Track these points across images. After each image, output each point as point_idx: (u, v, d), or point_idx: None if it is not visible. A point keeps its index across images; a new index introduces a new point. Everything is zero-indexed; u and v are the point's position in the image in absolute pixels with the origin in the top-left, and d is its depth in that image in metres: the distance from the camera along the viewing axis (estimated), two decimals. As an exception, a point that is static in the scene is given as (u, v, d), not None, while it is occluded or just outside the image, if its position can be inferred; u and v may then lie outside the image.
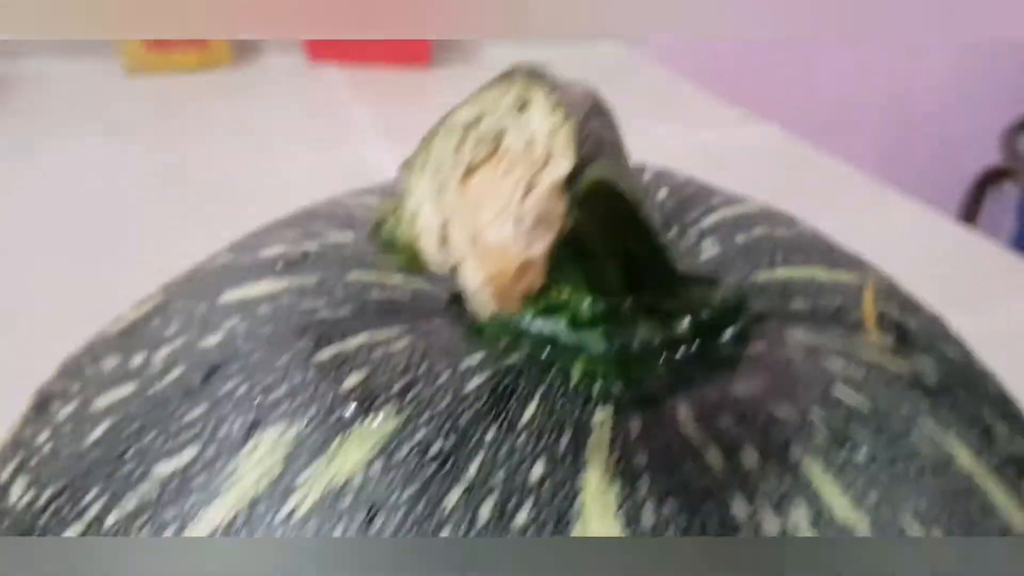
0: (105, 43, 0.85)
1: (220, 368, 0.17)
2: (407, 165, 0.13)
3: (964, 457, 0.18)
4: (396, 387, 0.16)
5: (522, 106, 0.13)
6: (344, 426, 0.16)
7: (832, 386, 0.18)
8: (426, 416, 0.16)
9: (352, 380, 0.16)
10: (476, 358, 0.17)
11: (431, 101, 0.81)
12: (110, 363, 0.18)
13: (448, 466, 0.15)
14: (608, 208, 0.17)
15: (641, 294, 0.19)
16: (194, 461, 0.16)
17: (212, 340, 0.18)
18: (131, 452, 0.16)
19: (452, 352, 0.17)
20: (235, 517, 0.15)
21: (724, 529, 0.15)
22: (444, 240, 0.12)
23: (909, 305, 0.22)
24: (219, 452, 0.16)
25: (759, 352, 0.19)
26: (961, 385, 0.20)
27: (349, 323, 0.18)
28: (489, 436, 0.16)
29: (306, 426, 0.16)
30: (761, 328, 0.20)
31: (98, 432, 0.17)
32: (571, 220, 0.12)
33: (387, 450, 0.15)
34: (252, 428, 0.16)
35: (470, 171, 0.12)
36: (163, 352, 0.18)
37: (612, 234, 0.18)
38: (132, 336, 0.19)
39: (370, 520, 0.15)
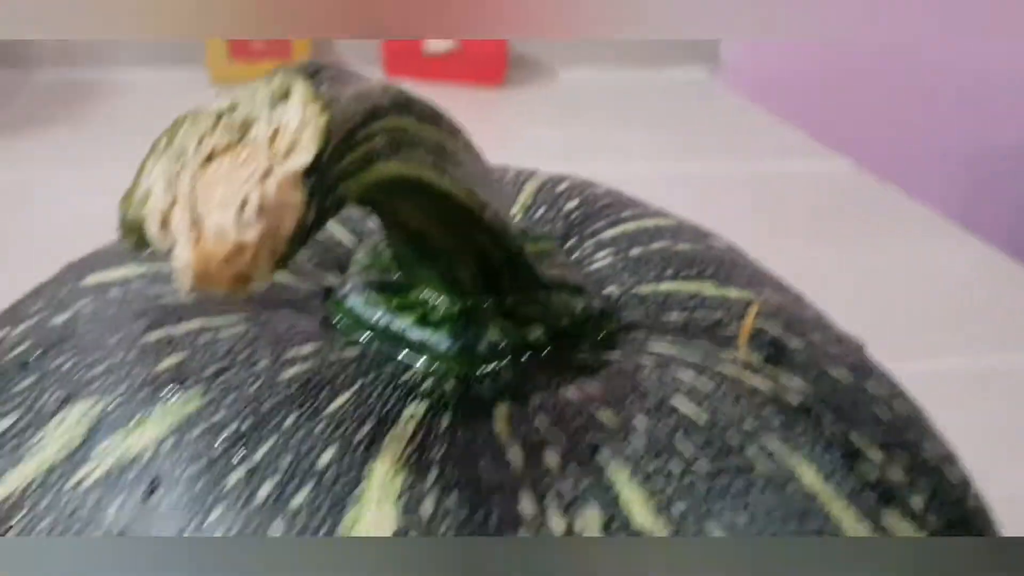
0: (195, 52, 0.90)
1: (57, 345, 0.18)
2: (153, 146, 0.13)
3: (809, 477, 0.17)
4: (209, 370, 0.17)
5: (282, 96, 0.13)
6: (148, 404, 0.16)
7: (671, 396, 0.18)
8: (230, 399, 0.16)
9: (168, 362, 0.17)
10: (305, 349, 0.18)
11: (502, 120, 0.82)
12: (-15, 338, 0.19)
13: (236, 448, 0.15)
14: (438, 207, 0.17)
15: (500, 298, 0.19)
16: (10, 428, 0.16)
17: (60, 319, 0.18)
18: (-34, 419, 0.17)
19: (284, 342, 0.18)
20: (31, 483, 0.15)
21: (504, 525, 0.15)
22: (166, 223, 0.12)
23: (802, 326, 0.21)
24: (32, 422, 0.16)
25: (609, 360, 0.19)
26: (833, 408, 0.19)
27: (187, 309, 0.18)
28: (287, 422, 0.16)
29: (113, 402, 0.16)
30: (624, 339, 0.20)
31: (-51, 400, 0.18)
32: (313, 214, 0.13)
33: (182, 429, 0.16)
34: (65, 401, 0.16)
35: (211, 158, 0.13)
36: (21, 328, 0.19)
37: (454, 234, 0.18)
38: (12, 311, 0.20)
39: (149, 494, 0.15)
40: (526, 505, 0.15)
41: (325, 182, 0.13)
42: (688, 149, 0.77)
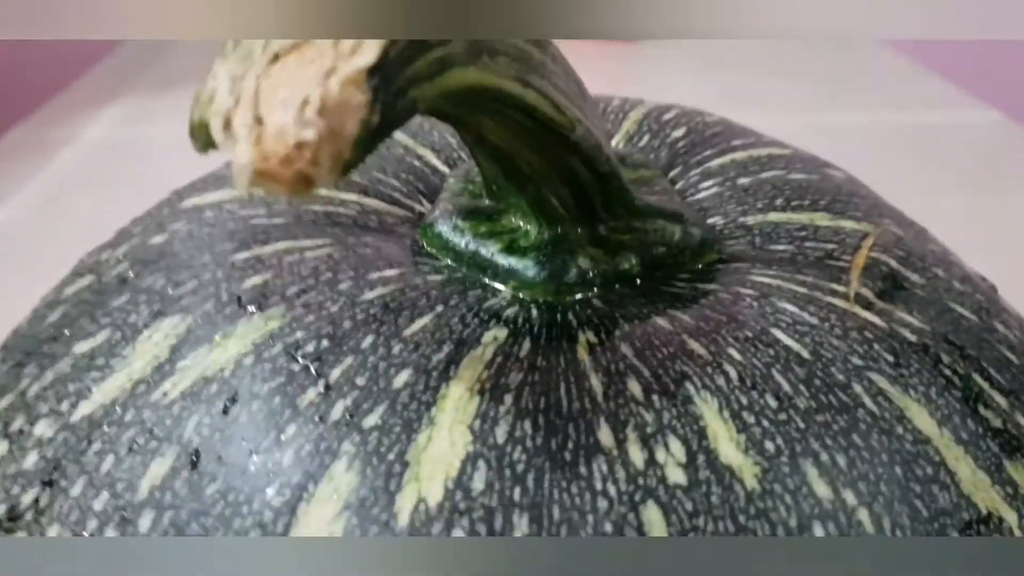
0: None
1: (152, 264, 0.18)
2: (222, 47, 0.13)
3: (922, 420, 0.16)
4: (292, 290, 0.17)
5: (349, -4, 0.13)
6: (232, 321, 0.16)
7: (771, 328, 0.17)
8: (310, 319, 0.16)
9: (254, 280, 0.17)
10: (389, 272, 0.17)
11: (640, 75, 0.80)
12: (92, 257, 0.20)
13: (313, 367, 0.15)
14: (522, 123, 0.16)
15: (592, 225, 0.19)
16: (104, 343, 0.17)
17: (158, 239, 0.19)
18: (65, 334, 0.17)
19: (368, 265, 0.17)
20: (118, 396, 0.16)
21: (580, 454, 0.14)
22: (229, 123, 0.12)
23: (924, 261, 0.19)
24: (124, 337, 0.17)
25: (707, 291, 0.18)
26: (954, 348, 0.17)
27: (277, 231, 0.18)
28: (366, 343, 0.16)
29: (199, 318, 0.16)
30: (725, 270, 0.19)
31: (54, 316, 0.18)
32: (378, 116, 0.12)
33: (262, 346, 0.16)
34: (154, 317, 0.17)
35: (277, 58, 0.12)
36: (122, 249, 0.19)
37: (542, 154, 0.17)
38: (119, 234, 0.20)
39: (225, 409, 0.15)
40: (604, 435, 0.15)
41: (392, 84, 0.13)
42: (833, 101, 0.73)
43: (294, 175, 0.12)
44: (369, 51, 0.12)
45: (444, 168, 0.22)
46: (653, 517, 0.14)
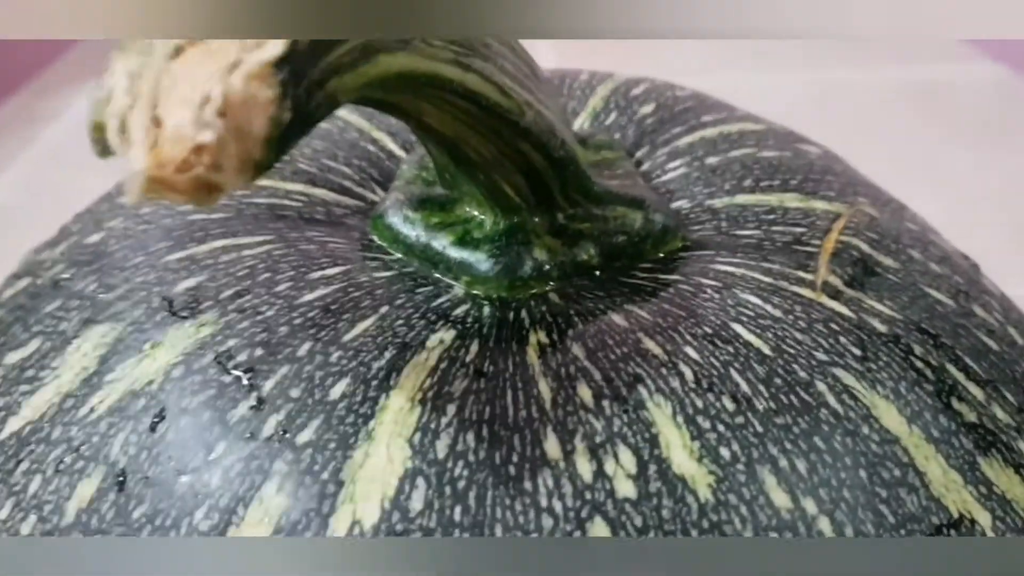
0: None
1: (86, 265, 0.17)
2: (121, 41, 0.12)
3: (890, 418, 0.15)
4: (227, 293, 0.16)
5: (256, -12, 0.12)
6: (162, 328, 0.15)
7: (732, 323, 0.16)
8: (245, 324, 0.15)
9: (187, 283, 0.16)
10: (332, 270, 0.17)
11: (641, 58, 0.78)
12: (33, 256, 0.19)
13: (245, 378, 0.15)
14: (466, 109, 0.15)
15: (549, 214, 0.18)
16: (34, 353, 0.16)
17: (94, 238, 0.18)
18: (-1, 342, 0.17)
19: (310, 262, 0.17)
20: (47, 411, 0.15)
21: (524, 467, 0.14)
22: (125, 125, 0.11)
23: (899, 243, 0.18)
24: (54, 347, 0.16)
25: (668, 282, 0.17)
26: (928, 337, 0.17)
27: (215, 227, 0.17)
28: (302, 350, 0.15)
29: (129, 326, 0.16)
30: (689, 258, 0.18)
31: (-11, 323, 0.18)
32: (288, 112, 0.11)
33: (192, 355, 0.15)
34: (84, 326, 0.16)
35: (179, 52, 0.12)
36: (60, 248, 0.18)
37: (492, 141, 0.16)
38: (61, 231, 0.20)
39: (153, 426, 0.14)
40: (551, 446, 0.14)
41: (304, 76, 0.12)
42: (836, 57, 0.71)
43: (192, 182, 0.11)
44: (276, 42, 0.11)
45: (401, 152, 0.21)
46: (600, 534, 0.13)
